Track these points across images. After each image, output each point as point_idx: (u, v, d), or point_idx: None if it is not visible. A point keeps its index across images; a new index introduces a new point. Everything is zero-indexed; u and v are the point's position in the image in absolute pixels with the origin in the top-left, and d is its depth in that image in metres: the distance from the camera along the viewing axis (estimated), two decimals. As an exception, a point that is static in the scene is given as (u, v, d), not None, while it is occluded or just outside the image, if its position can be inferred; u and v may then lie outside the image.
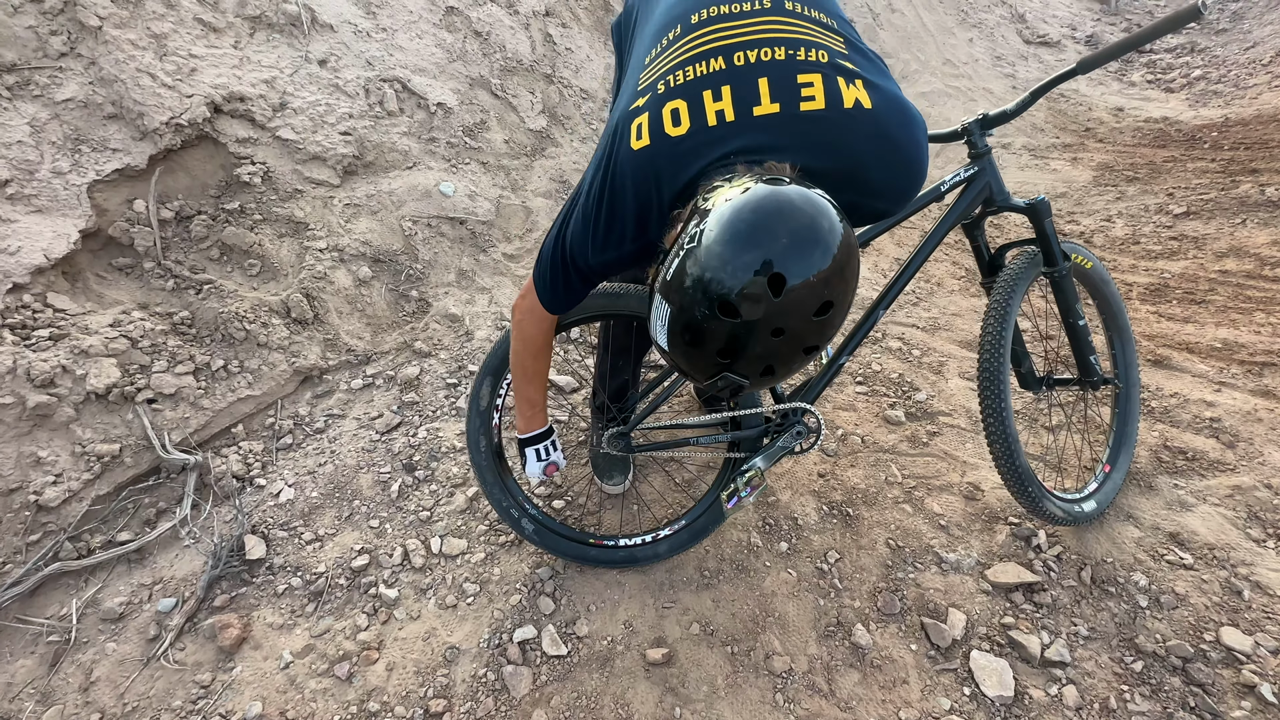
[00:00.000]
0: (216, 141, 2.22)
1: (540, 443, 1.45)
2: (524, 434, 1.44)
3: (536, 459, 1.46)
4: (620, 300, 1.41)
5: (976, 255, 1.63)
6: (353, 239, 2.32)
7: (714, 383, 0.85)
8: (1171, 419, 2.04)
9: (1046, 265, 1.55)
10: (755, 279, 0.73)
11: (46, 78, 1.99)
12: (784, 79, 0.90)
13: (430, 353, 2.25)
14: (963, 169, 1.50)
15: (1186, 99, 5.49)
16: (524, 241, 2.71)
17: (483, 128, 2.85)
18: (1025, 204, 1.52)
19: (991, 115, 1.49)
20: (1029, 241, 1.57)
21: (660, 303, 0.83)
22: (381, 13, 2.78)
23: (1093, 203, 3.74)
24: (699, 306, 0.77)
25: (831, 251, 0.75)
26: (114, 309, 1.91)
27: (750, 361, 0.81)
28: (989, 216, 1.56)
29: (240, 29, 2.37)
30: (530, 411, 1.42)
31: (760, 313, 0.75)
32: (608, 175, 0.99)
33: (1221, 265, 2.93)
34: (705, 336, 0.79)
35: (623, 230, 1.02)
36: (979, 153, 1.50)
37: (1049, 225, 1.52)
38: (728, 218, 0.76)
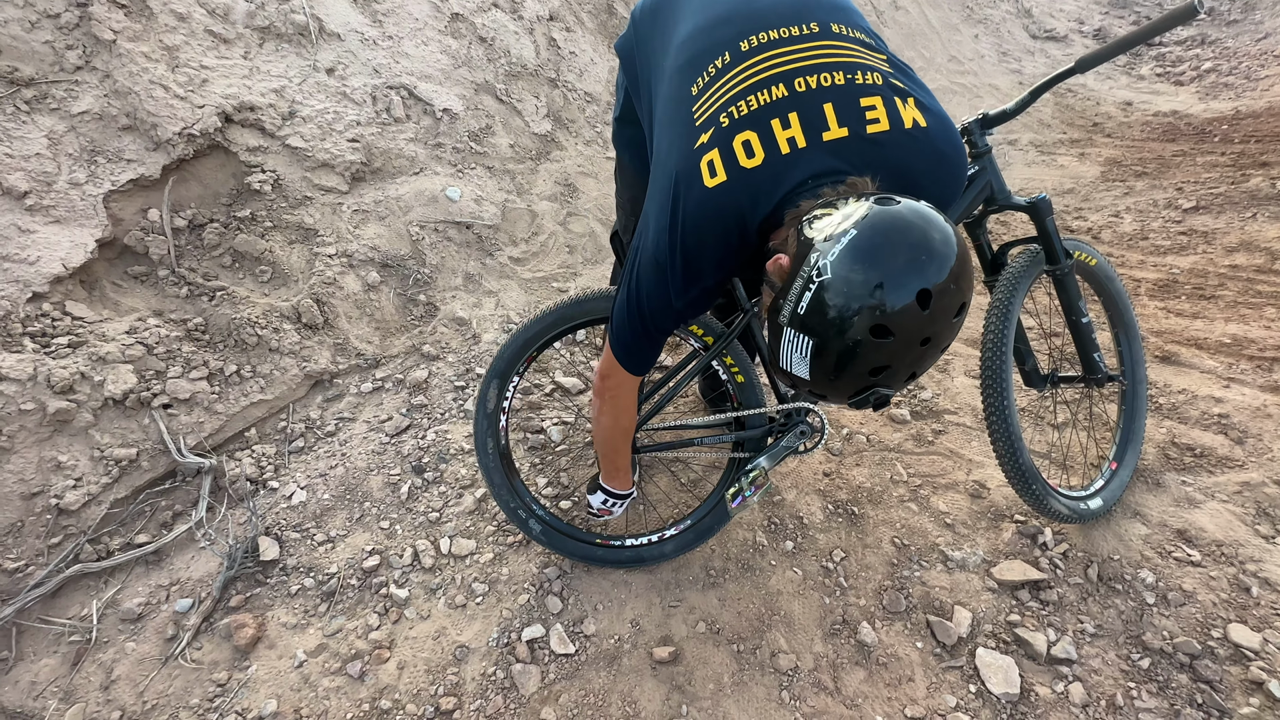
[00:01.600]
0: (228, 150, 2.26)
1: (619, 499, 1.54)
2: (611, 488, 1.52)
3: (603, 503, 1.54)
4: None
5: (978, 254, 1.63)
6: (361, 244, 2.36)
7: (860, 400, 0.87)
8: (1180, 415, 2.03)
9: (1049, 263, 1.55)
10: (906, 299, 0.76)
11: (63, 91, 2.04)
12: (848, 103, 0.92)
13: (438, 356, 2.28)
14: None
15: (1196, 92, 5.44)
16: (529, 245, 2.74)
17: (488, 132, 2.88)
18: (1026, 202, 1.52)
19: (991, 115, 1.50)
20: (1031, 240, 1.56)
21: (795, 336, 0.84)
22: (388, 20, 2.82)
23: (1100, 199, 3.72)
24: (850, 335, 0.79)
25: (954, 252, 0.78)
26: (130, 316, 1.96)
27: (899, 373, 0.84)
28: (990, 215, 1.56)
29: (250, 40, 2.41)
30: (621, 475, 1.49)
31: (913, 328, 0.78)
32: (677, 219, 0.99)
33: (1231, 260, 2.91)
34: (856, 360, 0.81)
35: (700, 268, 1.03)
36: (979, 152, 1.50)
37: (1050, 223, 1.52)
38: (858, 245, 0.77)
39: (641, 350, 1.17)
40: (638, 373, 1.22)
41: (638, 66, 1.23)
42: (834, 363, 0.82)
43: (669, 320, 1.11)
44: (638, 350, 1.17)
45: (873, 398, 0.86)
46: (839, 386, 0.86)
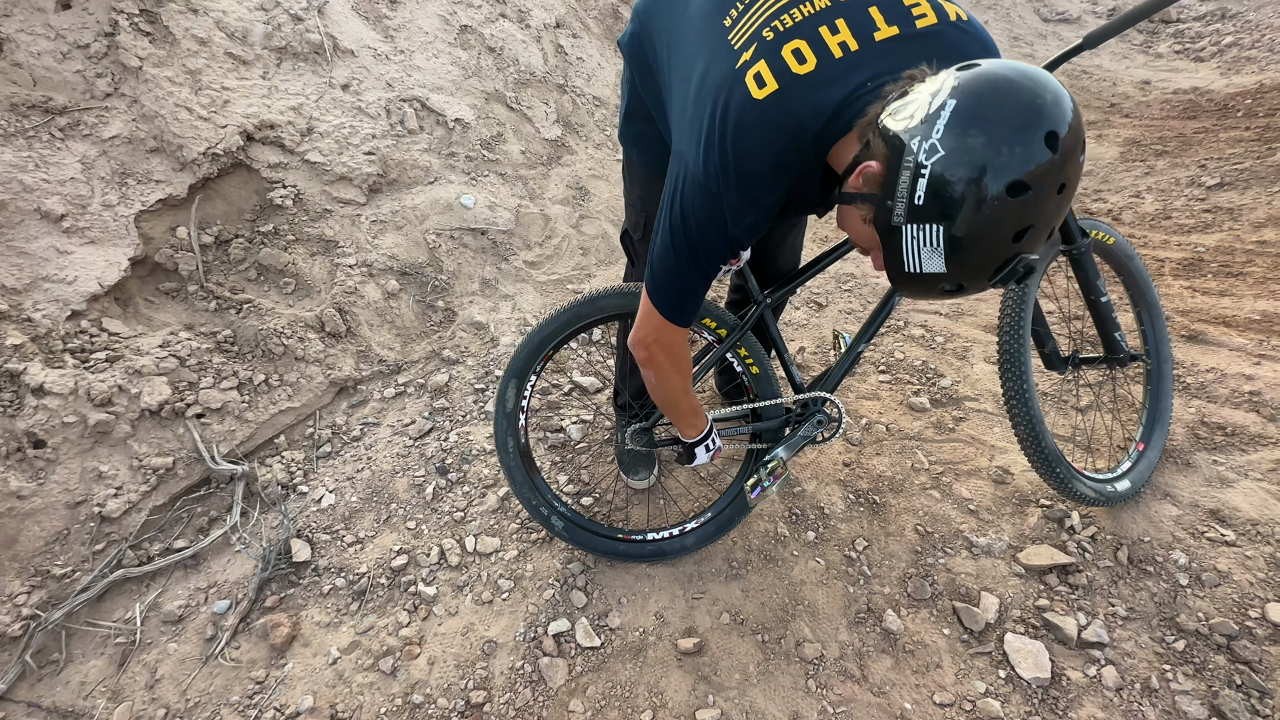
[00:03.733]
0: (250, 168, 2.33)
1: (706, 440, 1.45)
2: (692, 439, 1.44)
3: (705, 451, 1.46)
4: (636, 299, 1.44)
5: None
6: (380, 254, 2.41)
7: (1004, 274, 0.82)
8: (1209, 394, 1.99)
9: (1065, 243, 1.52)
10: (1036, 147, 0.72)
11: (94, 117, 2.13)
12: (893, 3, 0.91)
13: (458, 360, 2.33)
14: None
15: (1218, 67, 5.30)
16: (543, 249, 2.77)
17: (499, 140, 2.93)
18: None
19: None
20: None
21: (919, 231, 0.80)
22: (399, 35, 2.89)
23: (1120, 179, 3.64)
24: (986, 204, 0.74)
25: (1063, 89, 0.76)
26: (163, 330, 2.03)
27: (1039, 230, 0.79)
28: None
29: (268, 60, 2.49)
30: (695, 419, 1.41)
31: (1049, 176, 0.74)
32: (726, 137, 0.94)
33: (1260, 236, 2.83)
34: (997, 229, 0.77)
35: (757, 185, 0.97)
36: None
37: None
38: (963, 111, 0.74)
39: (687, 295, 1.12)
40: (684, 322, 1.15)
41: (646, 50, 1.21)
42: (972, 240, 0.78)
43: (723, 251, 1.06)
44: (685, 294, 1.12)
45: (1020, 266, 0.81)
46: (981, 265, 0.81)
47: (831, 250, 1.44)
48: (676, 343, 1.20)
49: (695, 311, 1.16)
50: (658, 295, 1.12)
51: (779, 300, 1.49)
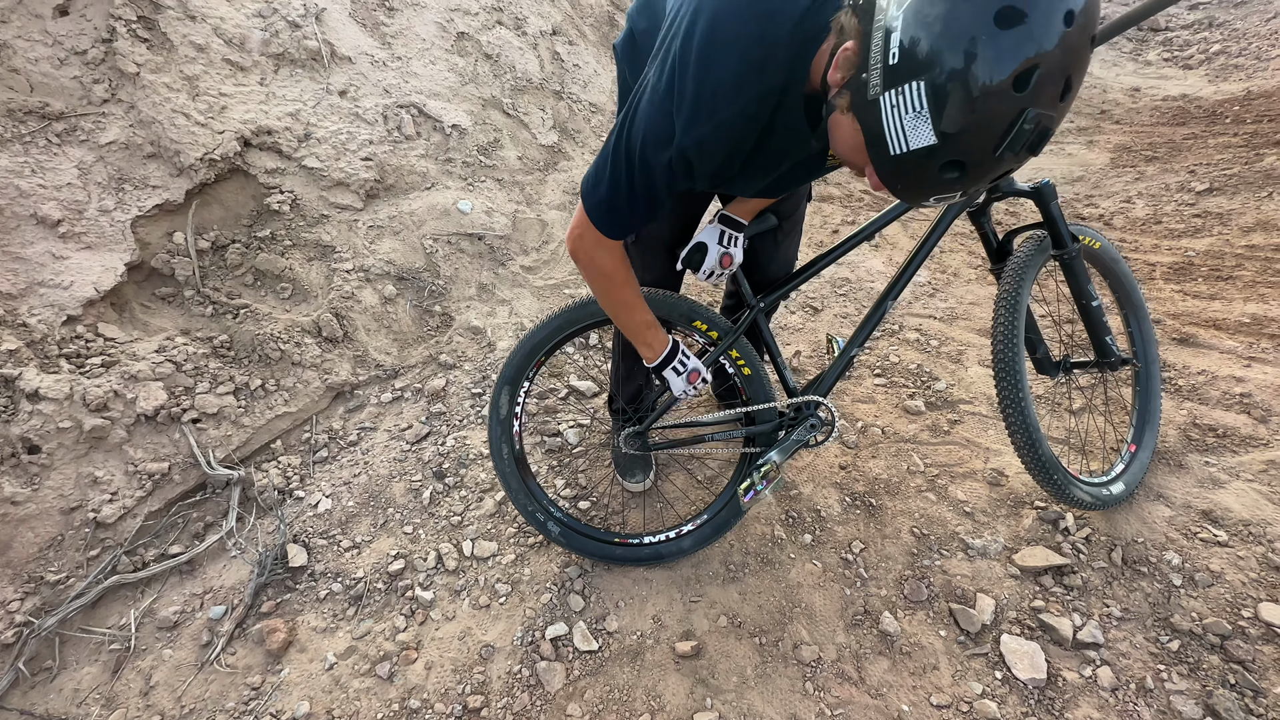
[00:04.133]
0: (247, 173, 2.33)
1: (672, 361, 1.35)
2: (653, 361, 1.34)
3: (677, 375, 1.35)
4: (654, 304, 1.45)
5: (984, 243, 1.61)
6: (377, 259, 2.42)
7: (1013, 137, 0.67)
8: (1200, 396, 2.01)
9: (1056, 248, 1.54)
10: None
11: (91, 123, 2.13)
12: None
13: (455, 364, 2.33)
14: None
15: (1206, 74, 5.37)
16: (540, 254, 2.78)
17: (496, 146, 2.94)
18: (1030, 188, 1.50)
19: None
20: (1036, 226, 1.56)
21: (898, 96, 0.67)
22: (396, 42, 2.90)
23: (1111, 185, 3.68)
24: (971, 42, 0.62)
25: None
26: (158, 335, 2.03)
27: (1051, 74, 0.64)
28: (994, 203, 1.55)
29: (265, 67, 2.50)
30: (649, 336, 1.31)
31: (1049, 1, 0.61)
32: (691, 33, 0.86)
33: (1249, 240, 2.87)
34: (990, 70, 0.63)
35: (717, 87, 0.87)
36: None
37: (1055, 208, 1.51)
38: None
39: (619, 207, 1.03)
40: (612, 234, 1.08)
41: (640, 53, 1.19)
42: (962, 92, 0.64)
43: (662, 170, 0.94)
44: (616, 207, 1.03)
45: (1030, 126, 0.66)
46: (979, 127, 0.66)
47: (825, 254, 1.45)
48: (607, 254, 1.14)
49: (626, 228, 1.08)
50: (589, 197, 1.06)
51: (772, 304, 1.50)
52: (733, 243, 1.37)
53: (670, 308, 1.46)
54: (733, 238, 1.37)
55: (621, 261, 1.18)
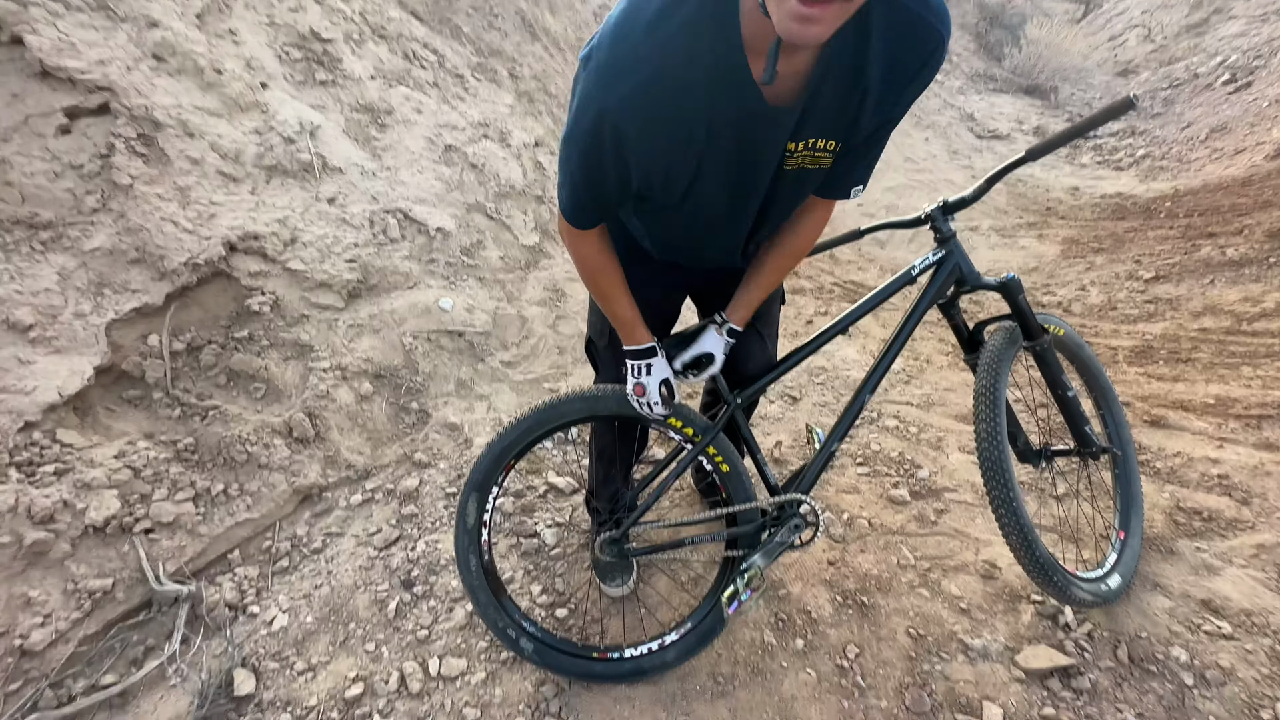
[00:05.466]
0: (230, 276, 2.37)
1: (638, 360, 1.29)
2: (626, 346, 1.31)
3: (632, 374, 1.31)
4: (597, 403, 1.42)
5: (956, 333, 1.63)
6: (355, 357, 2.41)
7: None
8: (1180, 479, 2.01)
9: (1027, 339, 1.56)
10: None
11: (78, 231, 2.17)
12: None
13: (429, 463, 2.27)
14: (931, 253, 1.52)
15: (1136, 175, 5.88)
16: (520, 349, 2.81)
17: (479, 247, 3.05)
18: (997, 282, 1.52)
19: (951, 201, 1.51)
20: (1005, 317, 1.58)
21: None
22: (386, 155, 3.07)
23: (1065, 274, 3.90)
24: None
25: None
26: (120, 440, 1.95)
27: None
28: (963, 296, 1.57)
29: (258, 177, 2.61)
30: (625, 330, 1.28)
31: None
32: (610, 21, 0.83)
33: (1200, 324, 3.01)
34: None
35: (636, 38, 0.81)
36: (944, 237, 1.51)
37: (1023, 301, 1.53)
38: None
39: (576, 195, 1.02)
40: (575, 221, 1.09)
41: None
42: None
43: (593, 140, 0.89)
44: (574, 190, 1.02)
45: None
46: None
47: (801, 348, 1.47)
48: (583, 243, 1.15)
49: (585, 214, 1.07)
50: (559, 194, 1.07)
51: (750, 399, 1.49)
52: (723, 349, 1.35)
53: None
54: (727, 344, 1.36)
55: (598, 252, 1.17)
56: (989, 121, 7.42)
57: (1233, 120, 6.62)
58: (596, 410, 1.42)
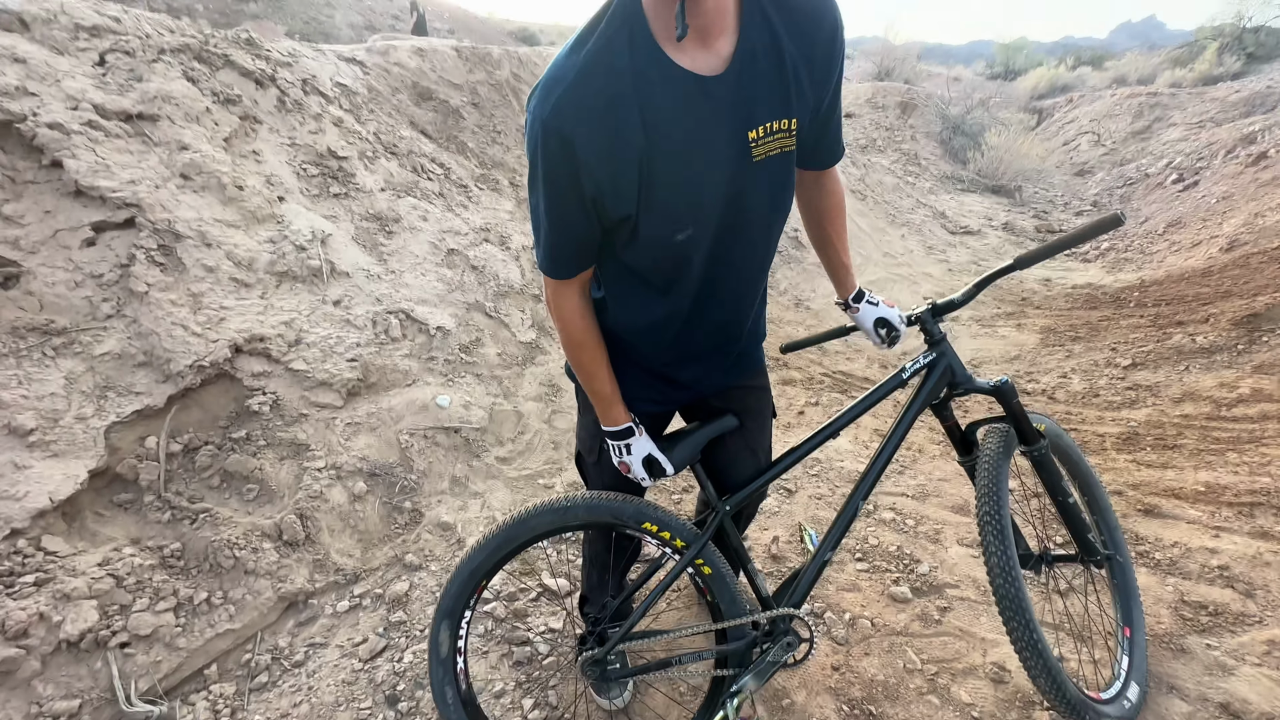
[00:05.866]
0: (233, 377, 2.43)
1: (619, 440, 1.26)
2: (604, 427, 1.28)
3: (614, 454, 1.29)
4: (569, 514, 1.34)
5: (949, 435, 1.61)
6: (351, 456, 2.42)
7: None
8: (1181, 571, 1.99)
9: (1025, 443, 1.52)
10: None
11: (90, 337, 2.25)
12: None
13: (421, 565, 2.22)
14: (922, 355, 1.50)
15: (1103, 266, 6.21)
16: (516, 444, 2.83)
17: (477, 344, 3.15)
18: (991, 385, 1.49)
19: (940, 304, 1.49)
20: (998, 419, 1.54)
21: None
22: (392, 259, 3.24)
23: (1045, 362, 4.02)
24: None
25: None
26: (105, 546, 1.92)
27: None
28: (955, 398, 1.53)
29: (269, 283, 2.74)
30: (603, 407, 1.25)
31: None
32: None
33: (1181, 410, 3.08)
34: None
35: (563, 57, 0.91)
36: (935, 339, 1.49)
37: (1018, 405, 1.50)
38: None
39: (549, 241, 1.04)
40: (551, 271, 1.09)
41: None
42: None
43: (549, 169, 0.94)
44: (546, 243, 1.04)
45: None
46: None
47: (792, 451, 1.43)
48: (565, 300, 1.14)
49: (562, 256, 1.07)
50: (534, 246, 1.10)
51: (741, 505, 1.43)
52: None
53: (618, 511, 1.34)
54: (886, 311, 1.47)
55: (581, 314, 1.16)
56: (960, 218, 7.90)
57: (1186, 215, 7.10)
58: (567, 521, 1.34)
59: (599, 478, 1.47)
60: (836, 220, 1.38)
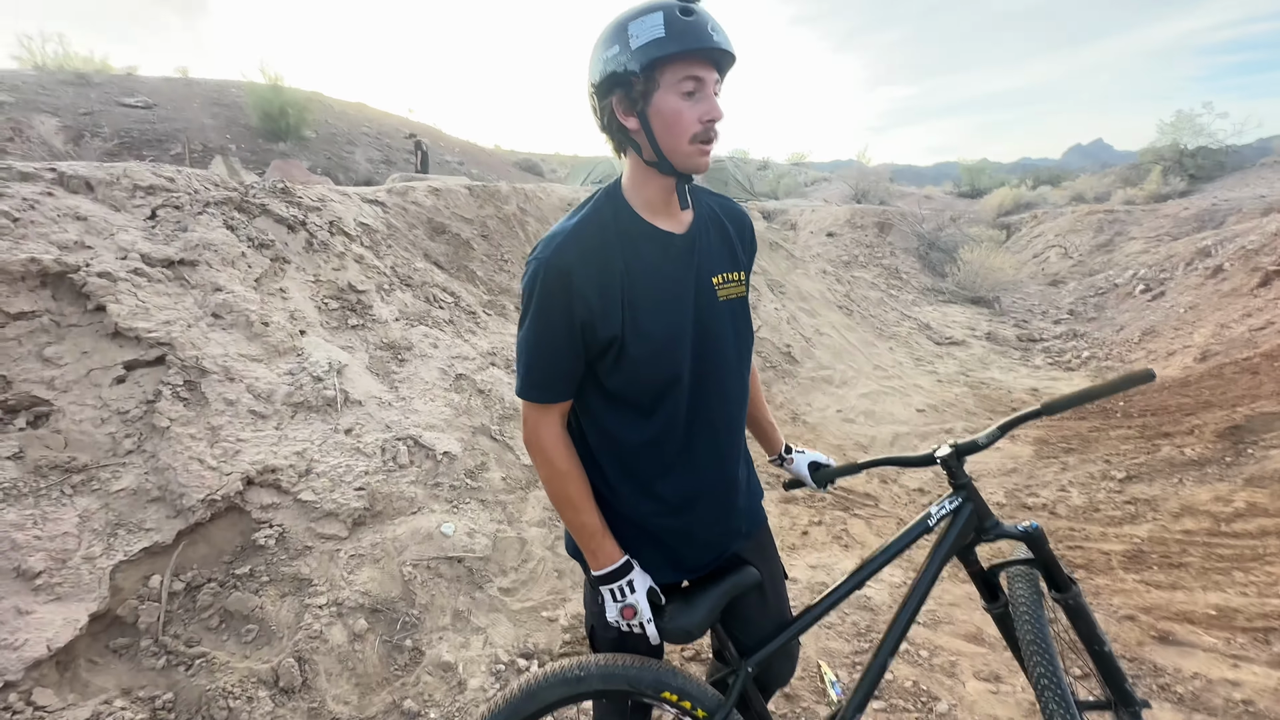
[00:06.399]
0: (242, 510, 2.46)
1: (616, 580, 1.21)
2: (596, 571, 1.23)
3: (613, 600, 1.21)
4: (580, 683, 1.25)
5: (973, 579, 1.56)
6: (353, 590, 2.40)
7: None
8: (1205, 706, 1.93)
9: (1057, 590, 1.47)
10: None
11: (109, 473, 2.31)
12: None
13: (419, 712, 2.12)
14: (947, 500, 1.45)
15: (1086, 375, 6.42)
16: (519, 573, 2.80)
17: (483, 469, 3.20)
18: (1021, 530, 1.45)
19: (962, 445, 1.46)
20: (1024, 561, 1.51)
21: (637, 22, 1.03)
22: (403, 386, 3.39)
23: (1043, 475, 4.06)
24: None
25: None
26: (96, 698, 1.86)
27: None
28: (981, 543, 1.47)
29: (284, 414, 2.85)
30: (593, 544, 1.21)
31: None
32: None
33: (1182, 525, 3.10)
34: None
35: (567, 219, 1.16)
36: (960, 483, 1.46)
37: (1049, 551, 1.46)
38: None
39: (532, 362, 1.14)
40: (530, 395, 1.16)
41: None
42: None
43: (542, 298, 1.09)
44: (529, 364, 1.14)
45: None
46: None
47: (816, 605, 1.38)
48: (545, 429, 1.18)
49: (543, 380, 1.15)
50: (516, 378, 1.19)
51: (765, 664, 1.35)
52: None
53: (635, 678, 1.25)
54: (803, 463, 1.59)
55: (561, 442, 1.19)
56: (944, 329, 8.26)
57: (1158, 324, 7.46)
58: (579, 690, 1.25)
59: (610, 648, 1.38)
60: (753, 386, 1.54)
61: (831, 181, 25.02)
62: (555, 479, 1.21)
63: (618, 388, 1.18)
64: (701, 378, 1.21)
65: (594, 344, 1.12)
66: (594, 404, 1.24)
